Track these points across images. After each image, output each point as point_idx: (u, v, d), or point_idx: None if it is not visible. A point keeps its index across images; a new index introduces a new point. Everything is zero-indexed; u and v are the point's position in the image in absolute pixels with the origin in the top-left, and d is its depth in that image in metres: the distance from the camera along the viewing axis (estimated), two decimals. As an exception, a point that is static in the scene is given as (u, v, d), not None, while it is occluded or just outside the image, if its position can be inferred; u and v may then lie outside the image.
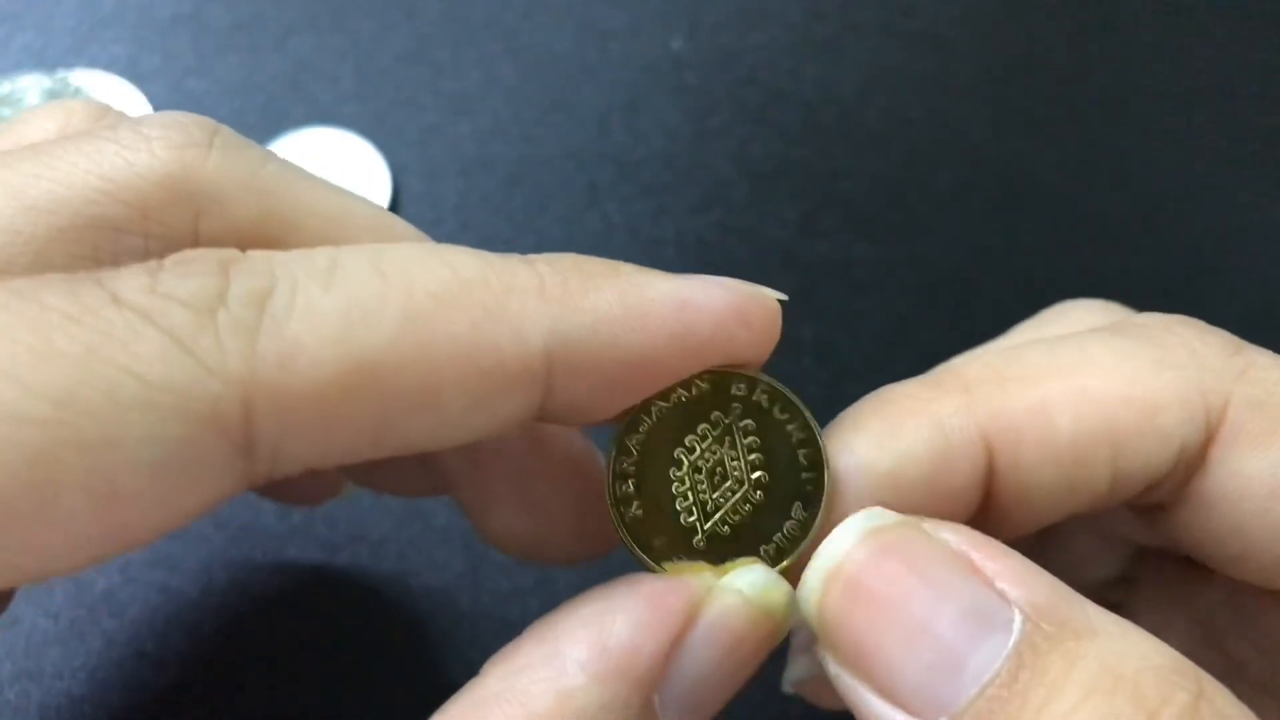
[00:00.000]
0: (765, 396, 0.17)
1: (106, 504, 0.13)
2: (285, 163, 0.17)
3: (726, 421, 0.17)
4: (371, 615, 0.27)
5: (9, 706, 0.25)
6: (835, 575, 0.15)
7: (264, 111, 0.32)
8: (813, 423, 0.17)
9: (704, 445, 0.17)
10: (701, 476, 0.17)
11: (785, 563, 0.16)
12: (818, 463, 0.16)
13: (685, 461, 0.16)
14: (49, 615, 0.27)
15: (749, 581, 0.15)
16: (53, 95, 0.30)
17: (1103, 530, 0.21)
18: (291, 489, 0.22)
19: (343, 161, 0.32)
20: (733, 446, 0.17)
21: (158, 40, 0.33)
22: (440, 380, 0.14)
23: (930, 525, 0.15)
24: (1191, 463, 0.17)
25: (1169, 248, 0.31)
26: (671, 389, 0.16)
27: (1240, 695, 0.16)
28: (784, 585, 0.15)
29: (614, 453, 0.16)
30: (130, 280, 0.14)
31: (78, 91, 0.31)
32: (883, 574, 0.15)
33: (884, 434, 0.16)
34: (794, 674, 0.21)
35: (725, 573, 0.15)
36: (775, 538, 0.16)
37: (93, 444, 0.13)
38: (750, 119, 0.33)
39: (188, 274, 0.14)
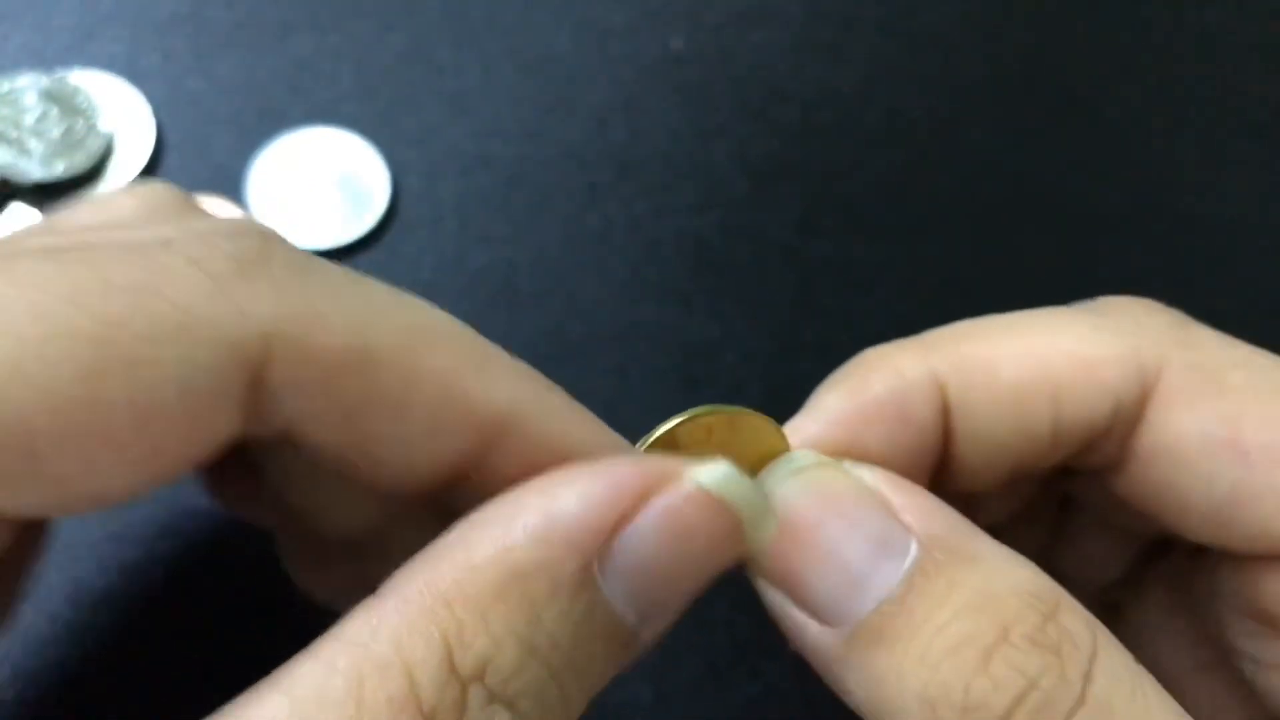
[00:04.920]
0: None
1: (145, 422, 0.15)
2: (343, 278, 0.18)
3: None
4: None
5: (7, 706, 0.25)
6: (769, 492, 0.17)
7: (263, 111, 0.32)
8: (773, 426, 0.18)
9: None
10: None
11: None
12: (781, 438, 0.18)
13: None
14: (49, 618, 0.27)
15: (710, 472, 0.16)
16: (50, 95, 0.30)
17: (1109, 531, 0.22)
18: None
19: (342, 161, 0.32)
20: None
21: (156, 39, 0.33)
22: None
23: (849, 465, 0.18)
24: (1129, 420, 0.18)
25: (1169, 248, 0.31)
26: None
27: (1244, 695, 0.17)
28: (748, 485, 0.17)
29: None
30: (185, 232, 0.16)
31: (76, 91, 0.31)
32: (799, 502, 0.17)
33: (851, 385, 0.19)
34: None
35: (694, 465, 0.17)
36: None
37: (137, 361, 0.14)
38: (750, 118, 0.33)
39: (235, 234, 0.16)
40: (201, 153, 0.31)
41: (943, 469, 0.19)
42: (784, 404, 0.25)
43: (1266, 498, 0.17)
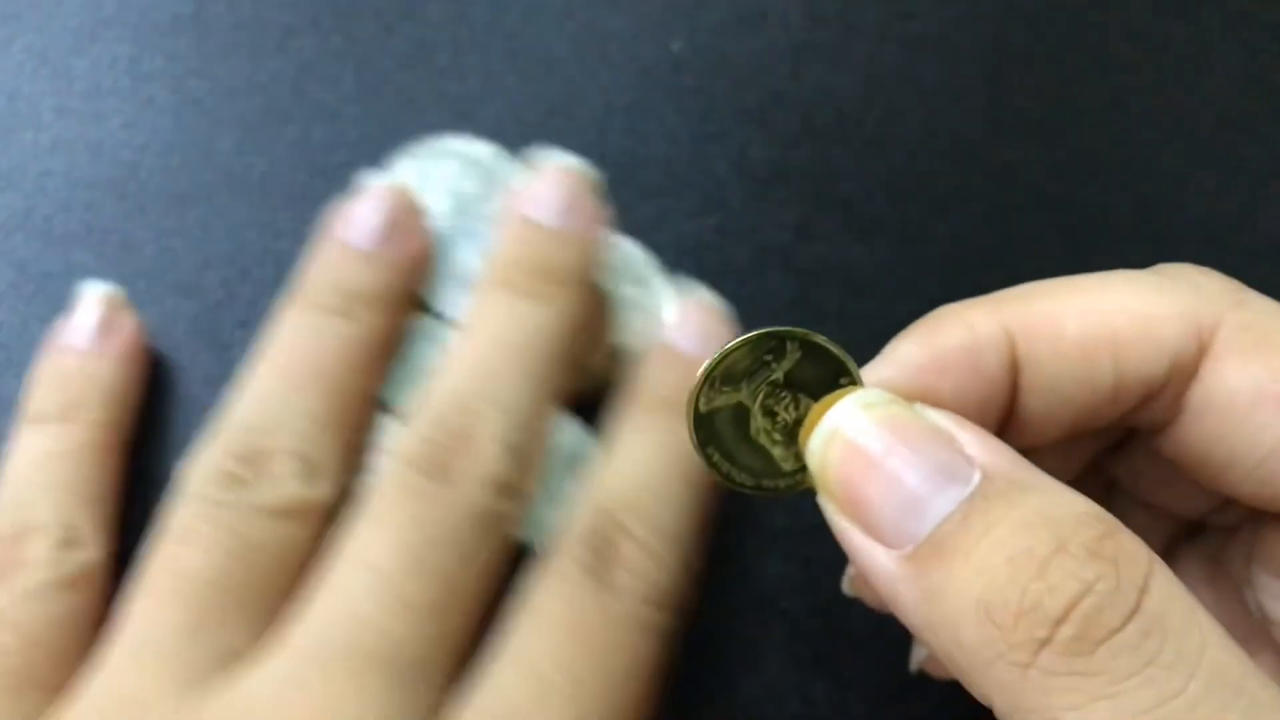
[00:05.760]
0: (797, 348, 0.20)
1: None
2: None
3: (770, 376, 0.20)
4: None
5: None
6: (831, 436, 0.19)
7: (265, 112, 0.32)
8: (845, 358, 0.20)
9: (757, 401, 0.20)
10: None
11: None
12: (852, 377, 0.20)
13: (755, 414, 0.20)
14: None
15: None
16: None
17: (1149, 511, 0.24)
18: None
19: (344, 163, 0.32)
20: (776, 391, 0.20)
21: (159, 41, 0.33)
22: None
23: (919, 406, 0.19)
24: (1185, 374, 0.19)
25: (1169, 249, 0.31)
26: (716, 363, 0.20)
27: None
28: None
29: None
30: None
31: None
32: (868, 433, 0.18)
33: (925, 336, 0.20)
34: (919, 655, 0.25)
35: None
36: None
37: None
38: (749, 122, 0.33)
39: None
40: (203, 154, 0.32)
41: (1007, 423, 0.20)
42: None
43: None
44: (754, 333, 0.20)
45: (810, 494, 0.20)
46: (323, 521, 0.24)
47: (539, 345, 0.25)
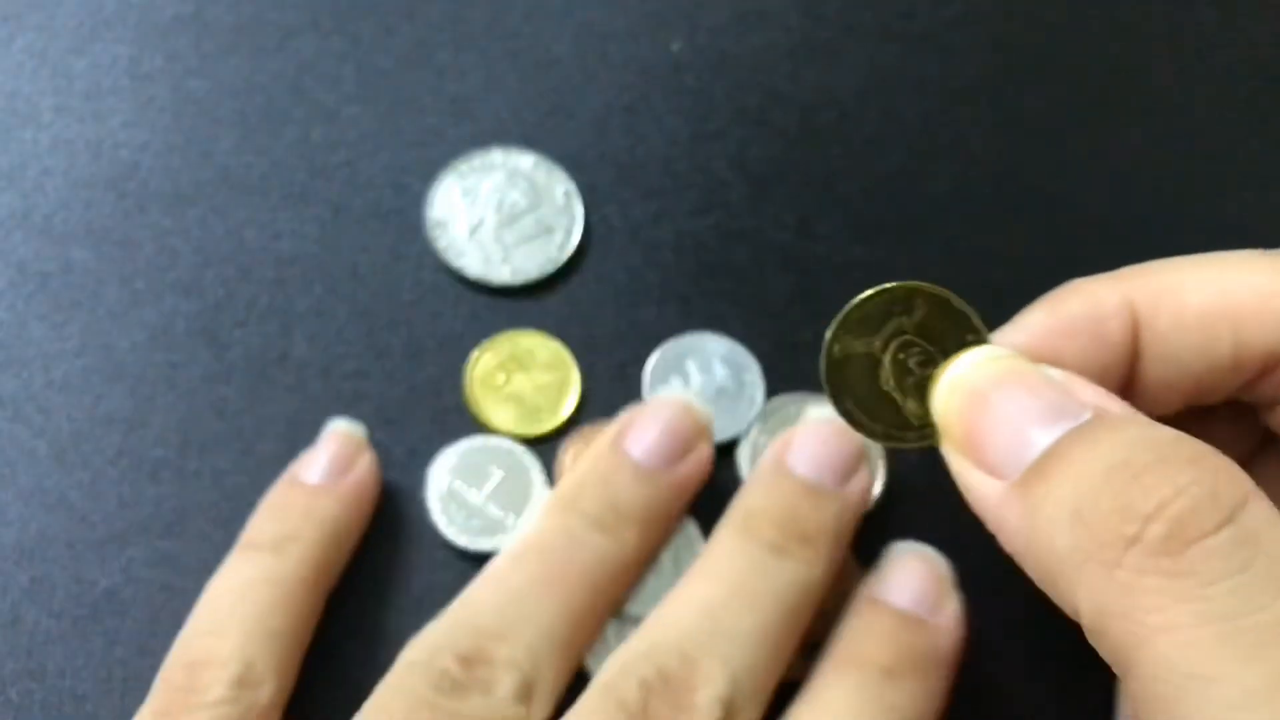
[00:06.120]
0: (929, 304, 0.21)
1: None
2: None
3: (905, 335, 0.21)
4: (374, 631, 0.27)
5: (11, 705, 0.26)
6: (955, 384, 0.20)
7: (265, 113, 0.32)
8: (973, 314, 0.21)
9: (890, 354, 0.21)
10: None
11: None
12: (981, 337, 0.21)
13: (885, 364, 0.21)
14: (51, 614, 0.27)
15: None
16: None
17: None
18: None
19: (344, 163, 0.32)
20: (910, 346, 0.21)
21: (159, 40, 0.33)
22: None
23: (1041, 366, 0.20)
24: None
25: (1169, 249, 0.31)
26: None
27: None
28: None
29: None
30: None
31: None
32: (989, 380, 0.19)
33: (1052, 305, 0.21)
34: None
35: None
36: None
37: None
38: (749, 121, 0.33)
39: None
40: (203, 153, 0.32)
41: (1128, 391, 0.21)
42: (782, 406, 0.25)
43: None
44: (883, 286, 0.21)
45: (936, 450, 0.21)
46: None
47: (779, 604, 0.24)
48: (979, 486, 0.19)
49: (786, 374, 0.30)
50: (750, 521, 0.25)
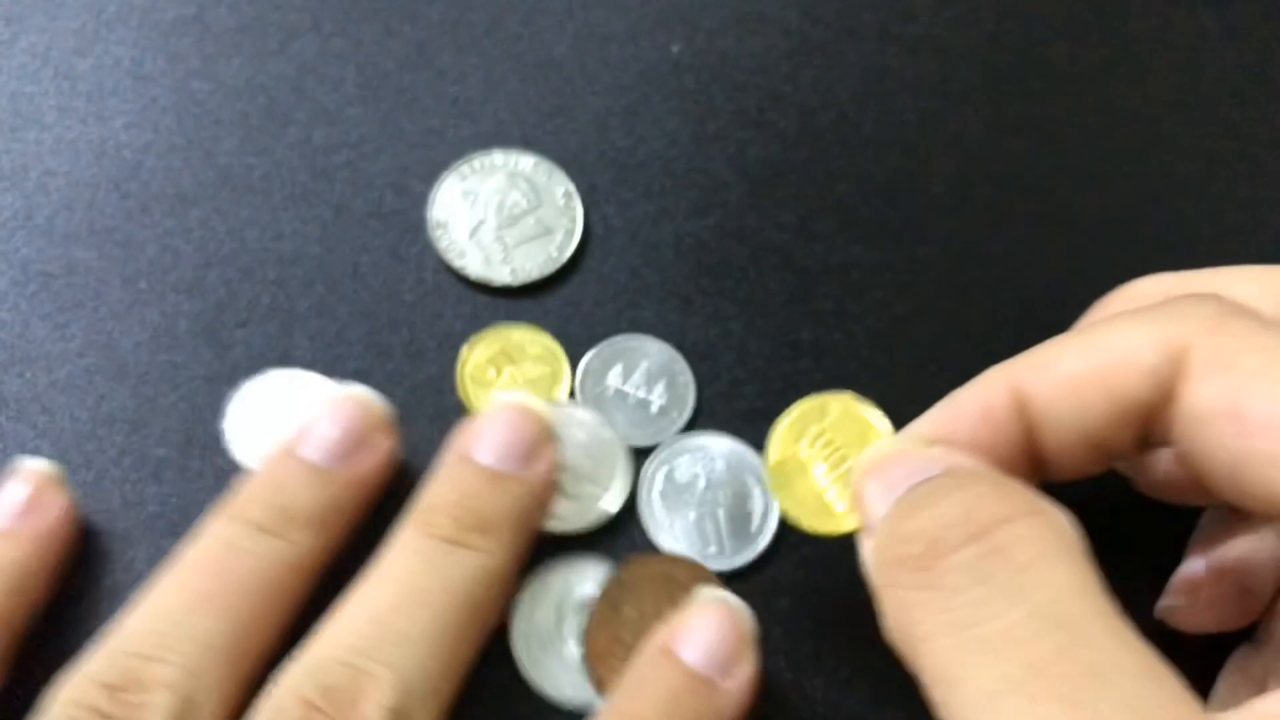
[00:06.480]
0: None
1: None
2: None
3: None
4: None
5: (14, 707, 0.26)
6: (855, 468, 0.22)
7: (267, 114, 0.32)
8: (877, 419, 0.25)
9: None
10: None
11: None
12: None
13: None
14: (50, 617, 0.27)
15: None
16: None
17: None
18: None
19: (345, 164, 0.32)
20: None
21: (161, 42, 0.33)
22: None
23: (923, 442, 0.22)
24: (1167, 396, 0.21)
25: (1168, 250, 0.32)
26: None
27: None
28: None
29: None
30: None
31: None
32: (875, 460, 0.22)
33: (950, 395, 0.23)
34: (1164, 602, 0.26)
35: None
36: None
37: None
38: (748, 123, 0.33)
39: None
40: (205, 154, 0.32)
41: (1037, 464, 0.22)
42: (781, 404, 0.25)
43: (1263, 463, 0.19)
44: (798, 402, 0.25)
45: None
46: None
47: (454, 599, 0.23)
48: (861, 550, 0.21)
49: (785, 373, 0.30)
50: (427, 516, 0.24)
